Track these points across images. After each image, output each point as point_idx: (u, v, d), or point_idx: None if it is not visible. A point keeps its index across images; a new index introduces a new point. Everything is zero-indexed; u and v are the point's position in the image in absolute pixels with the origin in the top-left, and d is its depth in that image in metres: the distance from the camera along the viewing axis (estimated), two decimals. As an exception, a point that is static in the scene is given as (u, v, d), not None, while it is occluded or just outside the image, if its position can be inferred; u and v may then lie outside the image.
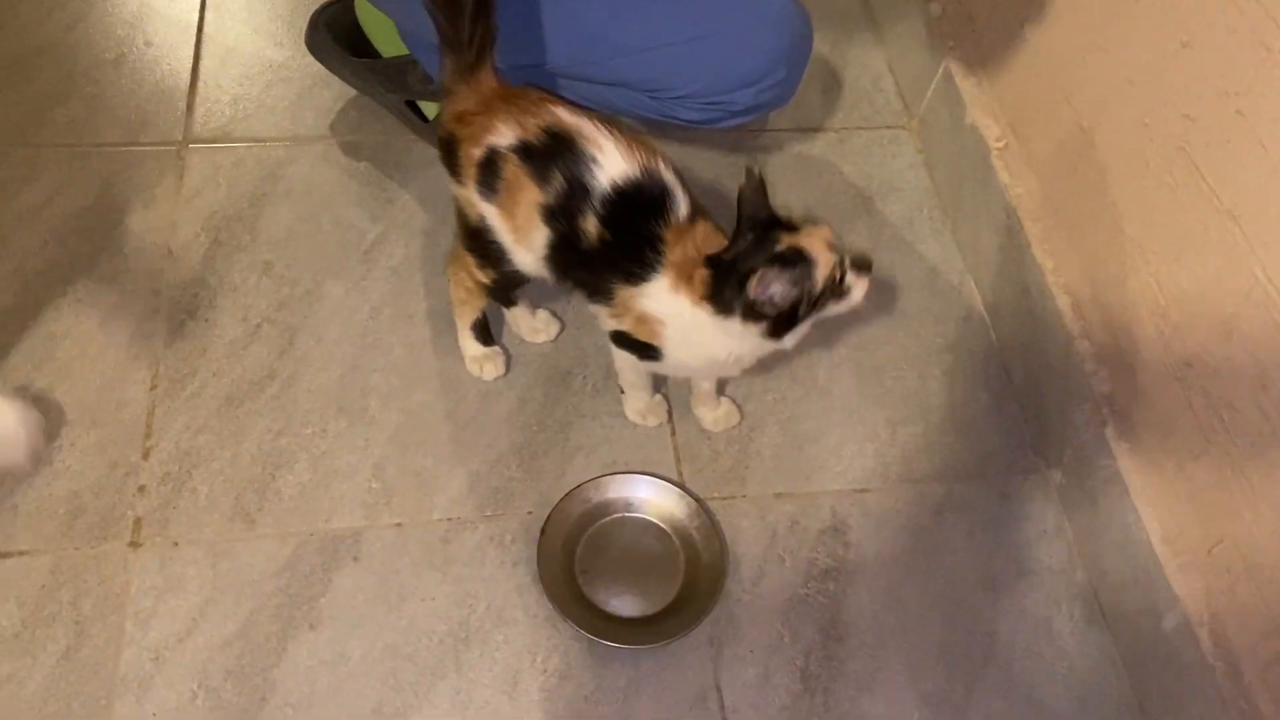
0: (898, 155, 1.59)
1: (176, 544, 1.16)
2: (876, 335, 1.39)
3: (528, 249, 1.10)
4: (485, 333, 1.29)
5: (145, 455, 1.22)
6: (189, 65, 1.57)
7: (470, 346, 1.29)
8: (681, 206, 1.06)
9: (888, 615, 1.19)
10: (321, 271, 1.38)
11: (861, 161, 1.58)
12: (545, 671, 1.12)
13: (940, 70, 1.50)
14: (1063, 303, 1.27)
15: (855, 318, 1.29)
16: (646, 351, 1.11)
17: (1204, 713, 1.06)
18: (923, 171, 1.57)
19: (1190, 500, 1.08)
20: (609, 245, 1.05)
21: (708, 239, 1.06)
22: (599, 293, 1.09)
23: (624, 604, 1.17)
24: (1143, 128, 1.12)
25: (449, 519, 1.21)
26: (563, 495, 1.20)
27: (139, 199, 1.42)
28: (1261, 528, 1.00)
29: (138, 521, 1.17)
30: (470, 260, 1.16)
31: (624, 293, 1.07)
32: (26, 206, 1.39)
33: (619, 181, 1.03)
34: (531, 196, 1.05)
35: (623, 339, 1.12)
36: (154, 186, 1.44)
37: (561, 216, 1.05)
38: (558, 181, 1.04)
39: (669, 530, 1.21)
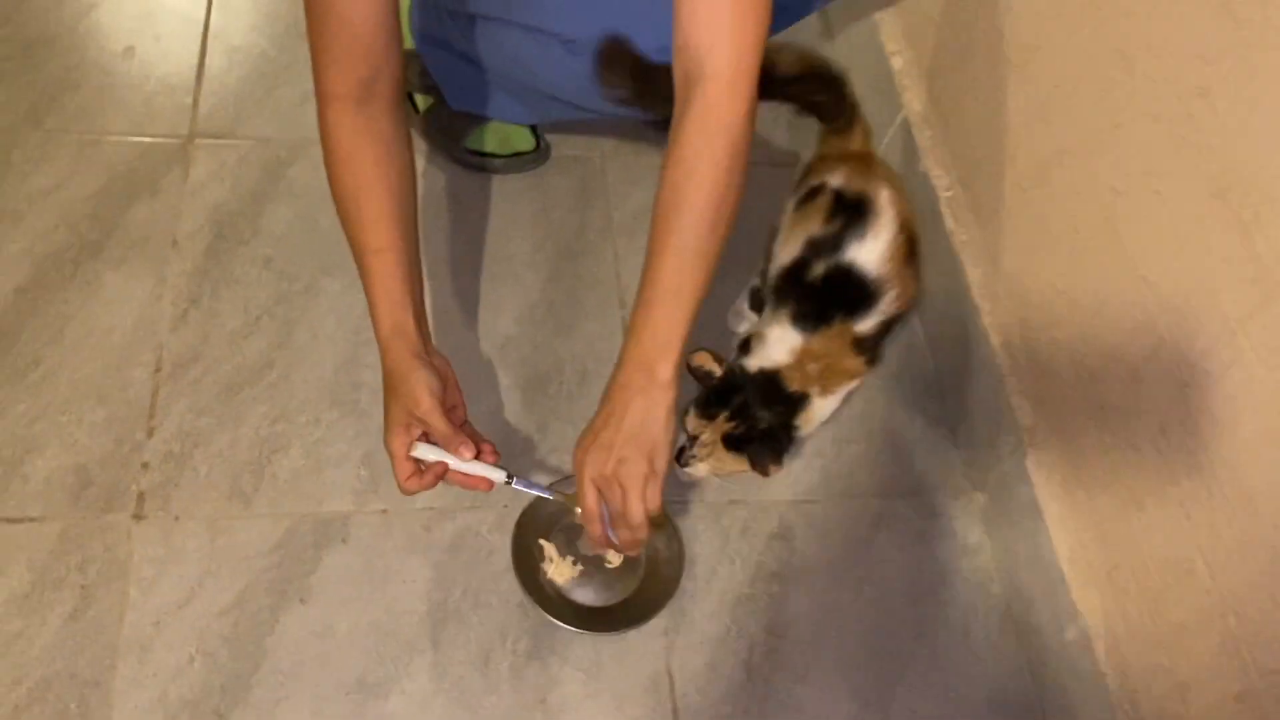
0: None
1: (178, 518, 1.25)
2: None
3: (778, 260, 1.27)
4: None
5: (149, 434, 1.30)
6: (195, 61, 1.64)
7: None
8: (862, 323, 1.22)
9: (824, 616, 1.32)
10: (319, 269, 1.47)
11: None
12: (515, 652, 1.23)
13: (898, 119, 1.64)
14: (995, 341, 1.41)
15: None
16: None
17: (1096, 716, 1.20)
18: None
19: (1095, 527, 1.23)
20: (822, 289, 1.22)
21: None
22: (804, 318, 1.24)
23: (588, 594, 1.29)
24: (1075, 195, 1.26)
25: (431, 508, 1.31)
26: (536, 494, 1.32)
27: (146, 189, 1.50)
28: (1153, 555, 1.14)
29: (141, 495, 1.26)
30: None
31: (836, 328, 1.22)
32: (38, 189, 1.46)
33: (858, 263, 1.20)
34: (813, 225, 1.23)
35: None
36: (160, 178, 1.51)
37: (812, 249, 1.23)
38: (832, 227, 1.22)
39: (632, 529, 1.33)
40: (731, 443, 1.20)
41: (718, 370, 1.23)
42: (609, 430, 1.06)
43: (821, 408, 1.23)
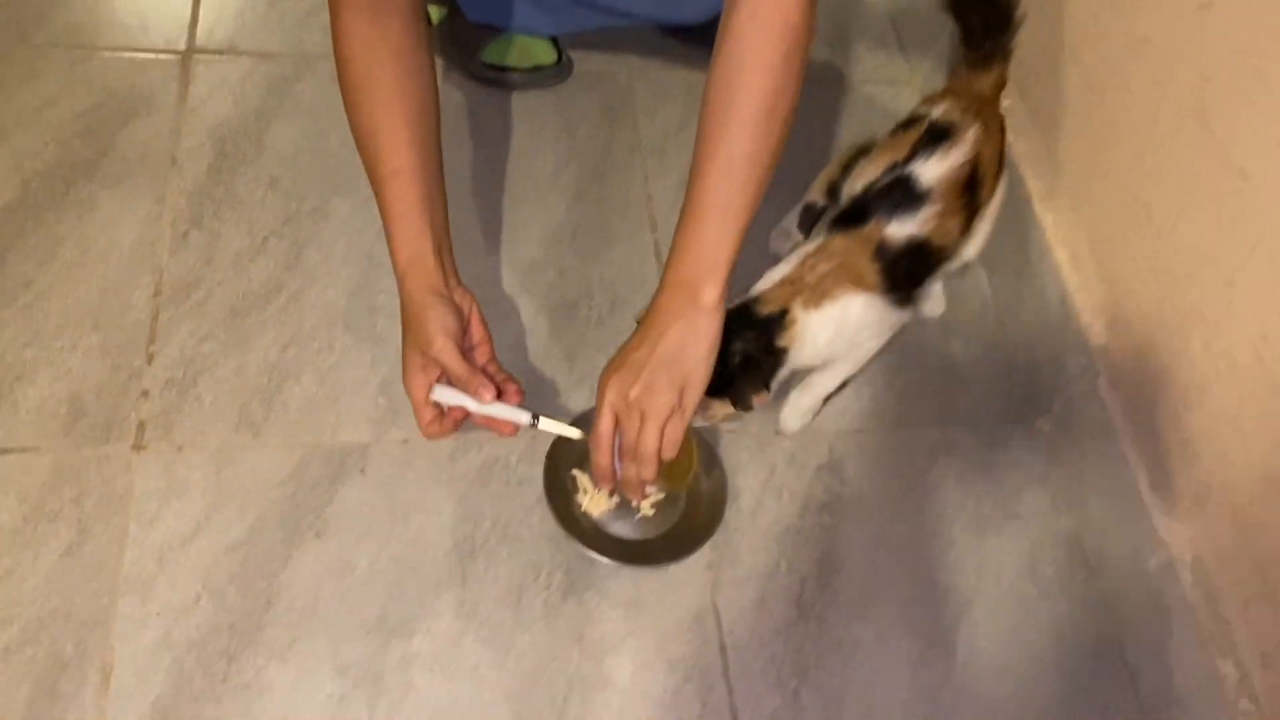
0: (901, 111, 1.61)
1: (181, 449, 1.15)
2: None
3: (862, 177, 1.19)
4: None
5: (149, 360, 1.20)
6: (193, -26, 1.53)
7: None
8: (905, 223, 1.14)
9: (880, 550, 1.23)
10: (328, 189, 1.37)
11: (864, 114, 1.60)
12: (549, 587, 1.14)
13: (948, 31, 1.52)
14: (1061, 256, 1.31)
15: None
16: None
17: (1183, 649, 1.11)
18: (924, 128, 1.59)
19: (1182, 448, 1.13)
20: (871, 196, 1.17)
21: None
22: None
23: (626, 528, 1.19)
24: (1154, 86, 1.15)
25: (455, 438, 1.21)
26: (569, 419, 1.21)
27: (142, 106, 1.40)
28: (1250, 474, 1.04)
29: (141, 425, 1.16)
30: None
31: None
32: (27, 106, 1.36)
33: (913, 173, 1.14)
34: (899, 153, 1.16)
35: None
36: (157, 94, 1.41)
37: (889, 171, 1.16)
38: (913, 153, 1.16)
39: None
40: (711, 391, 1.05)
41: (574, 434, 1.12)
42: (641, 352, 0.96)
43: (813, 324, 1.11)
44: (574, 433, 1.10)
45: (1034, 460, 1.32)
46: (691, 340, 0.97)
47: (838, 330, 1.13)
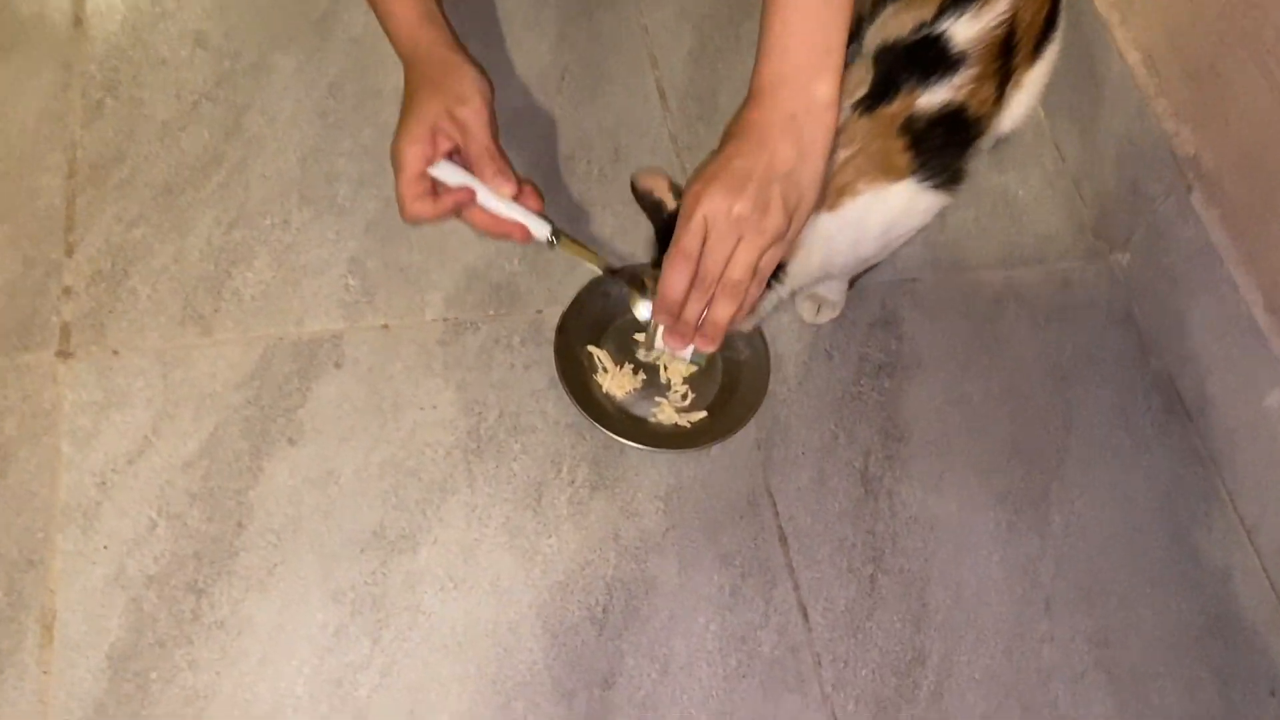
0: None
1: (116, 352, 0.96)
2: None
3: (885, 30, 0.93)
4: None
5: (69, 251, 1.00)
6: None
7: None
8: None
9: (951, 412, 1.06)
10: (268, 43, 1.15)
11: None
12: (574, 483, 0.96)
13: None
14: (1132, 59, 1.12)
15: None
16: None
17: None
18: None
19: (1305, 259, 0.95)
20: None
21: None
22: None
23: (657, 407, 1.01)
24: None
25: (445, 319, 1.02)
26: (579, 289, 1.03)
27: (33, -41, 1.17)
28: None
29: (65, 327, 0.96)
30: None
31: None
32: (-111, -34, 1.13)
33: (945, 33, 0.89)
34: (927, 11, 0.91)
35: None
36: (50, -55, 1.18)
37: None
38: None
39: (701, 325, 1.05)
40: None
41: (670, 203, 0.87)
42: (746, 160, 0.75)
43: (826, 229, 0.87)
44: (602, 264, 0.91)
45: (1115, 298, 1.15)
46: (810, 152, 0.76)
47: (859, 233, 0.91)
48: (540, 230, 0.83)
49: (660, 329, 0.84)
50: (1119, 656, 0.95)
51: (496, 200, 0.81)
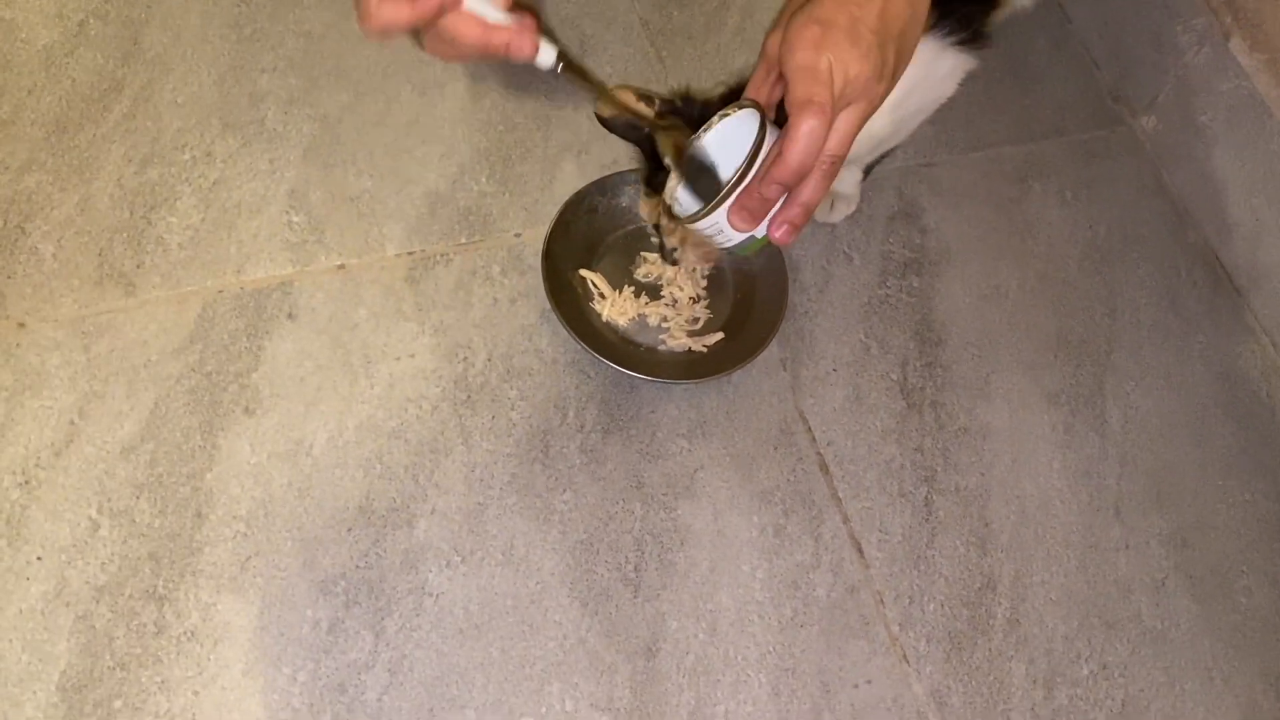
0: None
1: (23, 325, 0.80)
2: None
3: None
4: None
5: (-53, 210, 0.83)
6: None
7: None
8: None
9: (988, 307, 0.95)
10: (159, -55, 0.97)
11: None
12: (583, 428, 0.83)
13: None
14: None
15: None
16: None
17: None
18: None
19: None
20: None
21: None
22: None
23: (665, 333, 0.88)
24: None
25: (410, 253, 0.88)
26: (561, 207, 0.88)
27: None
28: None
29: (-45, 302, 0.80)
30: None
31: None
32: None
33: None
34: None
35: None
36: None
37: None
38: None
39: (705, 236, 0.92)
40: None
41: (647, 110, 0.74)
42: (857, 10, 0.61)
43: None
44: (612, 98, 0.72)
45: (1143, 167, 1.05)
46: (920, 7, 0.64)
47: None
48: (546, 53, 0.64)
49: (715, 212, 0.67)
50: (1198, 558, 0.87)
51: (491, 9, 0.63)
